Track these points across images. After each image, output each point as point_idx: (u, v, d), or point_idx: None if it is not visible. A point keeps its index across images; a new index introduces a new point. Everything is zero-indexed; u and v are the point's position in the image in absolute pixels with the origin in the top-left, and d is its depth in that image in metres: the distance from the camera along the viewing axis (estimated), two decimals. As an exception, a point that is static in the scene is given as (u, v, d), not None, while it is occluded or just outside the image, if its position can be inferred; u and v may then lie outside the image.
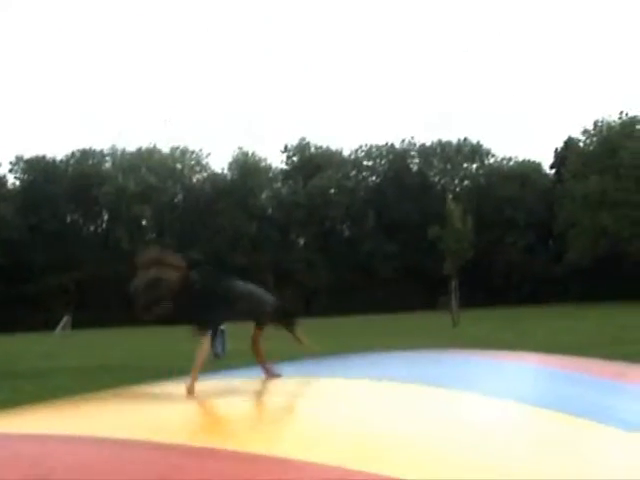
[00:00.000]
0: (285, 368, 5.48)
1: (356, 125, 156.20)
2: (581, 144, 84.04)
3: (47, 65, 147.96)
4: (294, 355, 7.28)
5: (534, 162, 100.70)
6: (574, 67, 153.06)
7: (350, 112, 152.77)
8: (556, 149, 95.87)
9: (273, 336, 5.99)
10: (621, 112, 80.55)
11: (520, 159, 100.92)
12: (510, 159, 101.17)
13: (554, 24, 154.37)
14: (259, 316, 5.76)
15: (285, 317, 5.91)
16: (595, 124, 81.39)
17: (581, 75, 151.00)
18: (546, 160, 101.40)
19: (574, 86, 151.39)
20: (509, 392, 3.70)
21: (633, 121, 79.90)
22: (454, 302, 44.99)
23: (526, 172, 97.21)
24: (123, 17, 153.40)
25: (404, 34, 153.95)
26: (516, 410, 3.31)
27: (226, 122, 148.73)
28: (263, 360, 5.60)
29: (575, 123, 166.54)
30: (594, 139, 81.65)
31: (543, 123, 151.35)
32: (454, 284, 46.76)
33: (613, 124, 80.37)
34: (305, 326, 5.61)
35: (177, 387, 4.56)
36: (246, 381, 5.05)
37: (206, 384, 4.67)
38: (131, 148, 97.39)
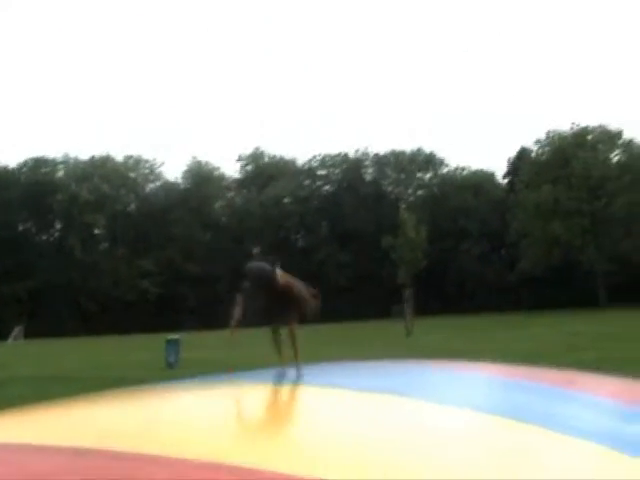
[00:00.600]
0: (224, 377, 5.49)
1: (310, 134, 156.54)
2: (533, 154, 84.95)
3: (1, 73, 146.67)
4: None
5: (487, 172, 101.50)
6: (528, 77, 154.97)
7: (304, 121, 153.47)
8: (509, 159, 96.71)
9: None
10: (572, 122, 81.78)
11: (473, 169, 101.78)
12: (464, 169, 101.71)
13: (507, 36, 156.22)
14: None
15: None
16: (547, 134, 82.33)
17: (534, 85, 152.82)
18: (499, 170, 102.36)
19: (527, 96, 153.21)
20: (459, 400, 3.60)
21: (584, 131, 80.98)
22: (408, 311, 44.99)
23: (479, 182, 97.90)
24: (81, 25, 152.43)
25: (357, 45, 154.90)
26: (465, 417, 3.22)
27: (180, 131, 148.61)
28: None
29: (529, 133, 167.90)
30: (547, 149, 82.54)
31: (496, 133, 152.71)
32: (408, 293, 46.80)
33: (565, 134, 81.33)
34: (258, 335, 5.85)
35: (128, 395, 4.46)
36: (203, 389, 4.78)
37: (164, 392, 4.64)
38: (84, 157, 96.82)
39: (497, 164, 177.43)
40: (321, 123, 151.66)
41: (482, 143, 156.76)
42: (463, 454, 2.60)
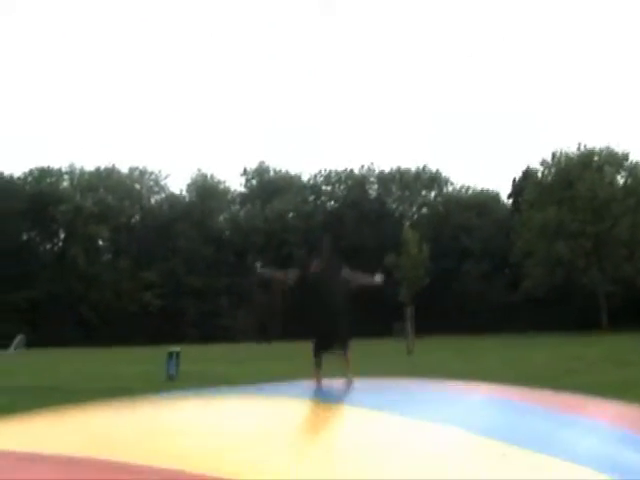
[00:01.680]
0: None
1: (316, 150, 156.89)
2: (539, 174, 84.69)
3: (3, 81, 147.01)
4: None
5: (492, 192, 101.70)
6: (534, 98, 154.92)
7: (310, 137, 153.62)
8: (514, 179, 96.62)
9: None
10: (579, 144, 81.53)
11: (478, 188, 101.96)
12: (468, 188, 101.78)
13: (514, 54, 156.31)
14: None
15: None
16: (553, 155, 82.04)
17: (541, 106, 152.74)
18: (504, 190, 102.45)
19: (533, 117, 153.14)
20: (453, 420, 3.53)
21: (591, 153, 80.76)
22: (409, 329, 44.79)
23: (484, 201, 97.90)
24: (87, 36, 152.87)
25: (364, 62, 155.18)
26: (458, 438, 3.17)
27: (185, 143, 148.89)
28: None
29: (533, 154, 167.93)
30: (552, 170, 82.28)
31: (501, 153, 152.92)
32: (410, 311, 46.57)
33: (571, 155, 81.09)
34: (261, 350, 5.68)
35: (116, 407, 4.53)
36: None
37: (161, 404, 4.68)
38: (90, 167, 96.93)
39: (501, 184, 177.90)
40: (327, 139, 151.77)
41: (487, 163, 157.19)
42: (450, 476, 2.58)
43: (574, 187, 76.03)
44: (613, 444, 3.30)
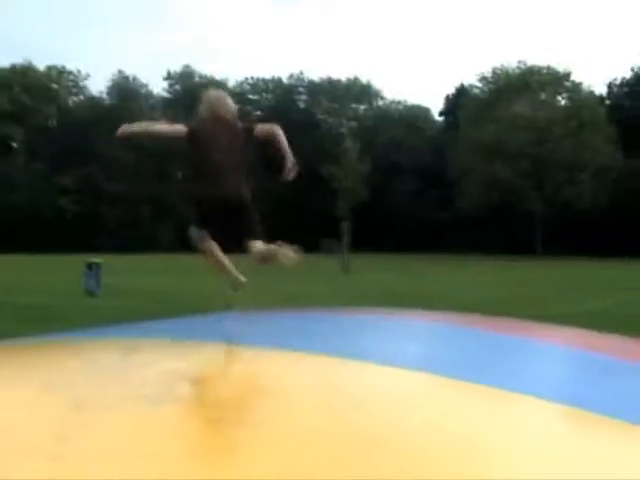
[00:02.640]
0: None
1: (243, 55, 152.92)
2: (478, 91, 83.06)
3: None
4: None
5: (423, 107, 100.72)
6: (468, 14, 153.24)
7: (238, 42, 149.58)
8: (447, 95, 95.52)
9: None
10: (519, 61, 79.56)
11: (409, 103, 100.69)
12: (399, 102, 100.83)
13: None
14: None
15: None
16: (494, 71, 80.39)
17: (475, 23, 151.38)
18: (435, 107, 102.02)
19: (468, 33, 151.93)
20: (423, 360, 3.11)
21: (530, 71, 78.74)
22: (345, 246, 42.14)
23: (415, 117, 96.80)
24: None
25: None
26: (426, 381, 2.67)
27: (107, 43, 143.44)
28: None
29: (466, 72, 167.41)
30: (491, 87, 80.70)
31: (433, 69, 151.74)
32: (346, 226, 43.53)
33: (511, 73, 79.23)
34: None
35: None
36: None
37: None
38: (4, 64, 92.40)
39: (433, 101, 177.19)
40: (255, 44, 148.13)
41: (418, 78, 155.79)
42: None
43: (514, 106, 74.39)
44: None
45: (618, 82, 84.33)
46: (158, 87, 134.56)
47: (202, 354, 3.11)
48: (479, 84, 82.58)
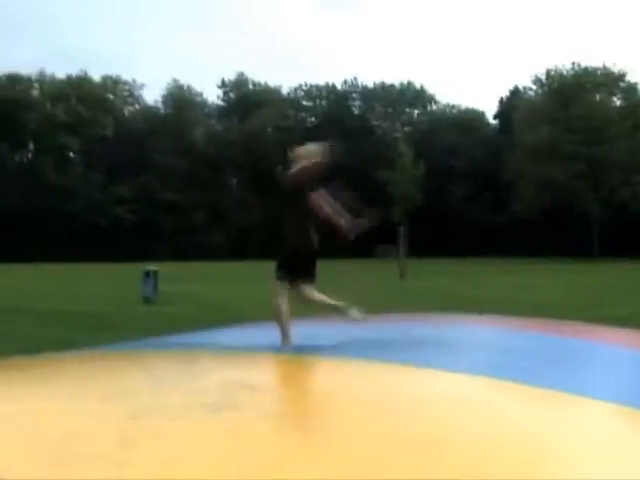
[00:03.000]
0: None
1: (297, 63, 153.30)
2: (531, 93, 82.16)
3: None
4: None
5: (477, 110, 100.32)
6: (523, 16, 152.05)
7: (291, 48, 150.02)
8: (501, 98, 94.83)
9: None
10: (573, 63, 78.56)
11: (463, 107, 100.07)
12: (453, 106, 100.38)
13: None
14: None
15: None
16: (547, 73, 79.41)
17: (528, 25, 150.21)
18: (489, 110, 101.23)
19: (521, 36, 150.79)
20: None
21: (585, 72, 77.67)
22: (402, 251, 41.74)
23: (469, 120, 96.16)
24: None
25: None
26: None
27: (162, 52, 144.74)
28: None
29: (519, 74, 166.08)
30: (545, 89, 79.71)
31: (486, 72, 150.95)
32: (402, 231, 43.15)
33: (565, 74, 78.24)
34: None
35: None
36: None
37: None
38: (61, 75, 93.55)
39: (487, 104, 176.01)
40: (309, 51, 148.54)
41: (472, 81, 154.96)
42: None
43: (569, 108, 73.43)
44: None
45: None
46: (213, 95, 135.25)
47: (258, 363, 3.14)
48: (533, 86, 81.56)
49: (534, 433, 2.09)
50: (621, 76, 77.37)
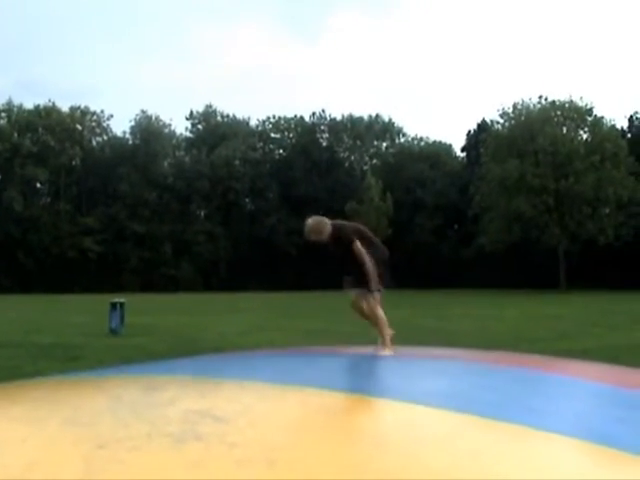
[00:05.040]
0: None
1: (265, 95, 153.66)
2: (499, 126, 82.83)
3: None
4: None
5: (445, 143, 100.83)
6: (486, 51, 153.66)
7: (259, 81, 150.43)
8: (469, 131, 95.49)
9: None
10: (540, 96, 79.34)
11: (431, 140, 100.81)
12: (421, 139, 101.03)
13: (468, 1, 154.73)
14: None
15: None
16: (514, 106, 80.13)
17: (492, 60, 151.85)
18: (456, 143, 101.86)
19: (486, 70, 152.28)
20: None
21: (552, 106, 78.45)
22: None
23: (437, 153, 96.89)
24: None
25: (315, 5, 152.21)
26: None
27: (130, 84, 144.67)
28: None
29: (486, 108, 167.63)
30: (512, 122, 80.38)
31: (453, 105, 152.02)
32: None
33: (533, 108, 78.98)
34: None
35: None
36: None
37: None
38: (29, 105, 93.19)
39: (454, 137, 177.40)
40: (277, 84, 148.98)
41: (439, 114, 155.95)
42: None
43: (535, 141, 74.08)
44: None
45: (639, 115, 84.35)
46: (181, 127, 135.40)
47: (223, 392, 3.11)
48: (500, 119, 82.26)
49: (495, 470, 2.01)
50: (588, 110, 78.20)
